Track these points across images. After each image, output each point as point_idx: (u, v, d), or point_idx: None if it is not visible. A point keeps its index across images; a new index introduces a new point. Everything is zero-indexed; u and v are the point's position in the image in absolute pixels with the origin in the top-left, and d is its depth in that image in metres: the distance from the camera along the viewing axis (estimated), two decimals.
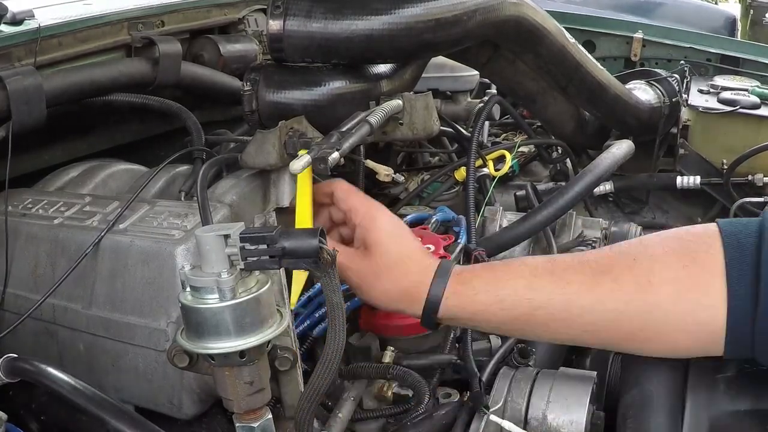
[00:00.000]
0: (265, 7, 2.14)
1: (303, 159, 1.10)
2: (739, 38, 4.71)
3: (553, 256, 1.37)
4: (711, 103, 2.12)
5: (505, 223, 1.61)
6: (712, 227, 0.99)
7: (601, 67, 1.88)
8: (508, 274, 1.05)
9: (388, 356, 1.27)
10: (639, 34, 2.56)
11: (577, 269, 1.02)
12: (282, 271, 1.12)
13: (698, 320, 0.96)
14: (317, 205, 1.20)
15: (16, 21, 1.62)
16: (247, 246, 0.86)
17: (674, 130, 2.15)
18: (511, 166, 1.95)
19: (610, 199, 2.24)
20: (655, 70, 2.36)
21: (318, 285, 1.26)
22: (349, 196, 1.18)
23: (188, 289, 0.88)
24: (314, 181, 1.18)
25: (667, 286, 0.96)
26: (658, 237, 1.03)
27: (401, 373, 1.22)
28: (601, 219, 1.66)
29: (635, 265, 0.99)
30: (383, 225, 1.13)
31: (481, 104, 2.00)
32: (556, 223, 1.58)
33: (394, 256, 1.10)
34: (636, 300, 0.98)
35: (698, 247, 0.98)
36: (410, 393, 1.22)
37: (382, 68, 1.42)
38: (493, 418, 1.07)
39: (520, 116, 2.17)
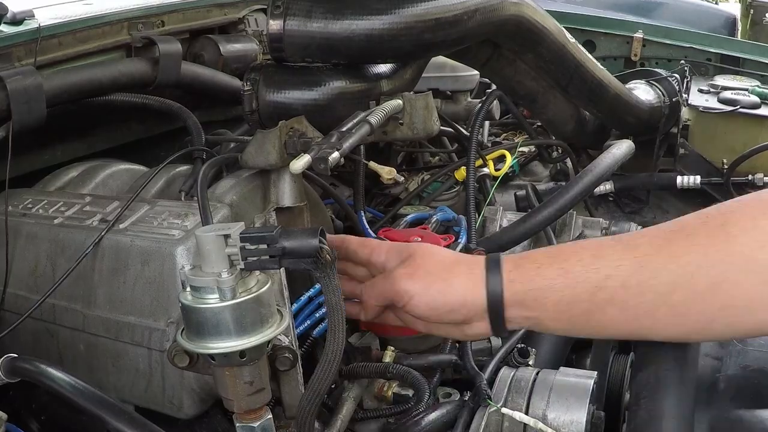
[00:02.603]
0: (265, 7, 2.14)
1: (303, 159, 1.10)
2: (739, 38, 4.70)
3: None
4: (711, 102, 2.12)
5: (505, 223, 1.61)
6: None
7: (601, 67, 1.88)
8: (571, 248, 0.95)
9: (388, 356, 1.27)
10: (639, 34, 2.56)
11: (644, 233, 0.92)
12: (282, 271, 1.12)
13: None
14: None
15: (16, 21, 1.62)
16: (247, 246, 0.86)
17: (674, 129, 2.15)
18: (511, 166, 1.95)
19: (611, 198, 2.24)
20: (655, 69, 2.37)
21: (318, 285, 1.26)
22: (364, 242, 1.10)
23: (188, 288, 0.88)
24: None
25: (748, 234, 0.84)
26: (728, 201, 0.92)
27: (401, 372, 1.22)
28: (602, 219, 1.66)
29: (709, 221, 0.88)
30: (420, 244, 1.08)
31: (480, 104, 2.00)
32: (557, 223, 1.58)
33: (441, 257, 1.02)
34: (714, 251, 0.85)
35: None
36: (410, 393, 1.22)
37: (382, 68, 1.42)
38: (505, 410, 1.07)
39: (520, 113, 2.17)
